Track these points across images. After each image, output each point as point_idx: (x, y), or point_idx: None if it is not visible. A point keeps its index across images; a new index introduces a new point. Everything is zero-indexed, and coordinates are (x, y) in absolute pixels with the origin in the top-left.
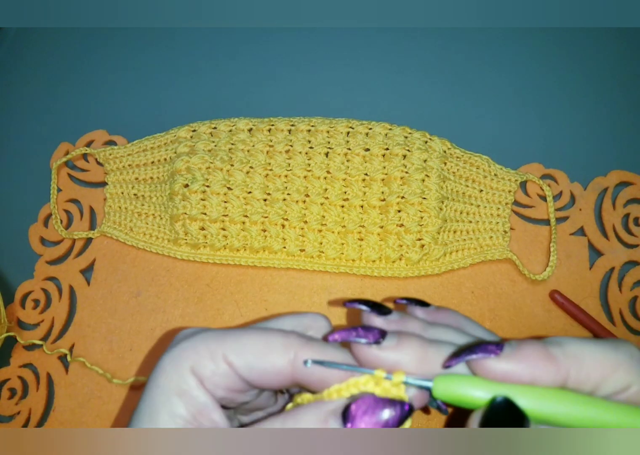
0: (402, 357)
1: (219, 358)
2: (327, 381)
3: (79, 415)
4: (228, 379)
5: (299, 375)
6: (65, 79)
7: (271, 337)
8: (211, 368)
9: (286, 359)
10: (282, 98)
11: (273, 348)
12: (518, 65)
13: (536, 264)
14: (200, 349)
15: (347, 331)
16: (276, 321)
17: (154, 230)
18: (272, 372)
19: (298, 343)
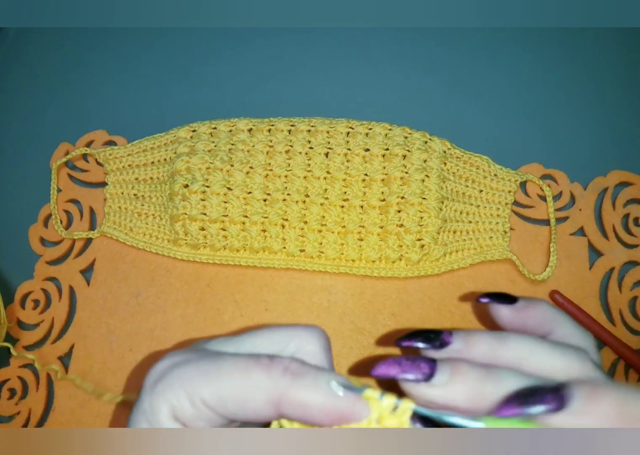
0: (454, 394)
1: (198, 403)
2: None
3: (79, 415)
4: (211, 420)
5: (285, 414)
6: (65, 79)
7: (252, 379)
8: (192, 413)
9: (270, 403)
10: (282, 98)
11: (255, 392)
12: (518, 66)
13: (536, 264)
14: (178, 393)
15: (390, 365)
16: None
17: (154, 231)
18: (255, 415)
19: (283, 384)
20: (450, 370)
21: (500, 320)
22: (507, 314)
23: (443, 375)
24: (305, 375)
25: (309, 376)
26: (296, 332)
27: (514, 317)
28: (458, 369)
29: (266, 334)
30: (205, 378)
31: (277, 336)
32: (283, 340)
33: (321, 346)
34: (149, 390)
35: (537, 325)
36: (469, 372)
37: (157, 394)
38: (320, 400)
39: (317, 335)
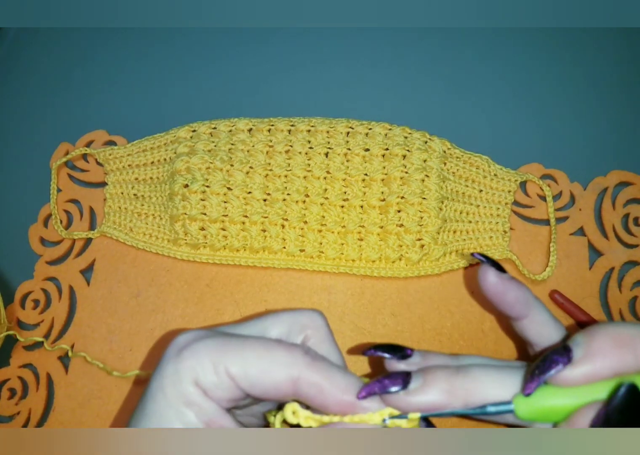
0: (432, 395)
1: (221, 371)
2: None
3: (79, 415)
4: (230, 391)
5: (301, 394)
6: (65, 79)
7: (276, 353)
8: (214, 381)
9: (290, 379)
10: (282, 98)
11: (277, 366)
12: (518, 66)
13: (536, 264)
14: (203, 361)
15: (373, 385)
16: (273, 318)
17: (154, 231)
18: (274, 389)
19: (303, 362)
20: (423, 376)
21: (485, 282)
22: (493, 278)
23: (417, 381)
24: (322, 361)
25: (325, 362)
26: (302, 312)
27: (498, 284)
28: (430, 373)
29: (274, 316)
30: (231, 349)
31: (285, 316)
32: (291, 318)
33: (325, 322)
34: (174, 357)
35: (514, 302)
36: (439, 374)
37: (183, 359)
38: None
39: (319, 314)
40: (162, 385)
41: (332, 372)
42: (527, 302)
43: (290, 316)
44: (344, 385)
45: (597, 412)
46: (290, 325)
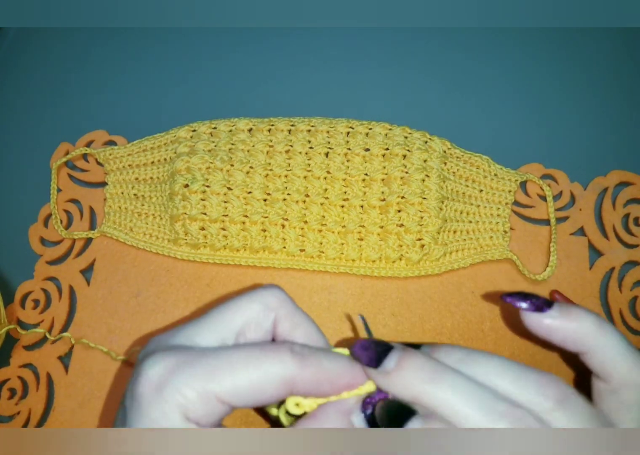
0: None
1: (211, 399)
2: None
3: (79, 415)
4: (223, 412)
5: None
6: (65, 79)
7: (264, 365)
8: (205, 411)
9: (284, 385)
10: (282, 98)
11: (269, 379)
12: (518, 66)
13: (536, 264)
14: (189, 395)
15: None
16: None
17: (154, 230)
18: (270, 399)
19: (293, 365)
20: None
21: (526, 326)
22: (533, 324)
23: (389, 363)
24: (310, 355)
25: (313, 355)
26: (261, 293)
27: (539, 329)
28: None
29: (233, 304)
30: (216, 375)
31: (246, 302)
32: (254, 303)
33: (286, 295)
34: (155, 398)
35: (563, 341)
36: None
37: (166, 401)
38: (329, 374)
39: (279, 289)
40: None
41: (322, 362)
42: (580, 340)
43: (252, 300)
44: (336, 372)
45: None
46: (256, 309)
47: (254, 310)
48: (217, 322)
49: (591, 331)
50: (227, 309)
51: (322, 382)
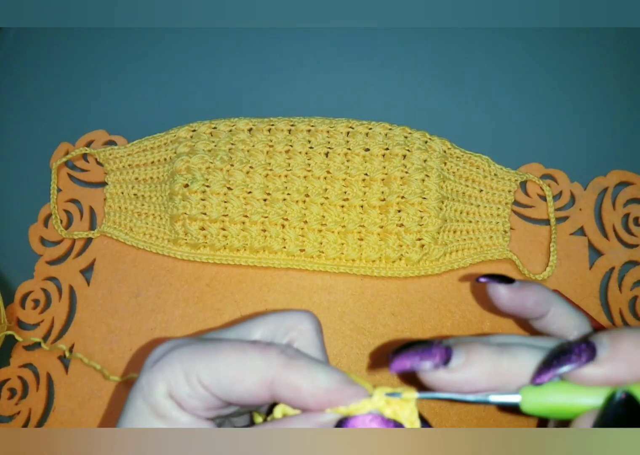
0: (474, 375)
1: (194, 381)
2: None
3: (79, 415)
4: (206, 400)
5: (279, 396)
6: (65, 78)
7: (248, 358)
8: (187, 391)
9: (263, 382)
10: (282, 98)
11: (249, 371)
12: (518, 66)
13: (536, 264)
14: (176, 371)
15: (408, 357)
16: (259, 320)
17: (154, 230)
18: (248, 395)
19: (277, 363)
20: (466, 352)
21: (499, 300)
22: (506, 294)
23: (459, 358)
24: (299, 359)
25: (302, 360)
26: (290, 314)
27: (513, 297)
28: (473, 350)
29: (260, 318)
30: (203, 357)
31: (271, 318)
32: (277, 320)
33: (313, 326)
34: (148, 369)
35: (534, 305)
36: (483, 351)
37: (155, 371)
38: (313, 383)
39: (309, 316)
40: (136, 395)
41: (310, 370)
42: (546, 300)
43: (277, 317)
44: (323, 384)
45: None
46: (275, 327)
47: (272, 327)
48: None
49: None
50: (252, 321)
51: (304, 389)
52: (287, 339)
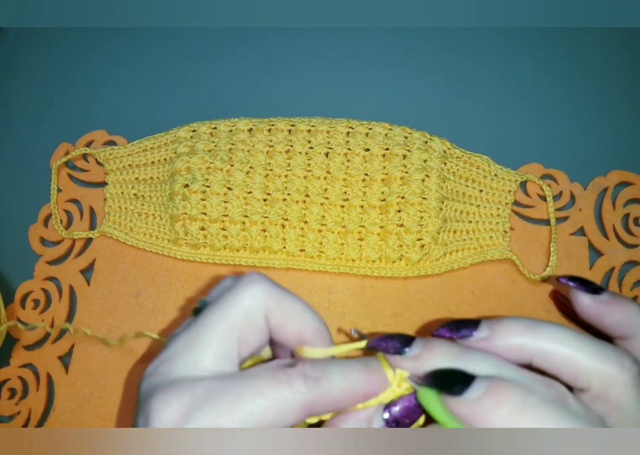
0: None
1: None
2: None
3: (79, 415)
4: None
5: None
6: (65, 79)
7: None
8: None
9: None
10: (282, 98)
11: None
12: (518, 66)
13: (536, 264)
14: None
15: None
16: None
17: (154, 230)
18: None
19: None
20: (423, 345)
21: (579, 307)
22: (588, 303)
23: (415, 349)
24: (324, 377)
25: (327, 375)
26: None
27: (594, 308)
28: (430, 346)
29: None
30: (228, 412)
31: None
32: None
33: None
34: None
35: (615, 324)
36: (439, 348)
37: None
38: (345, 392)
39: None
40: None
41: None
42: (631, 324)
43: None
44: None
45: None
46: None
47: (244, 313)
48: (212, 339)
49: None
50: (216, 320)
51: (340, 399)
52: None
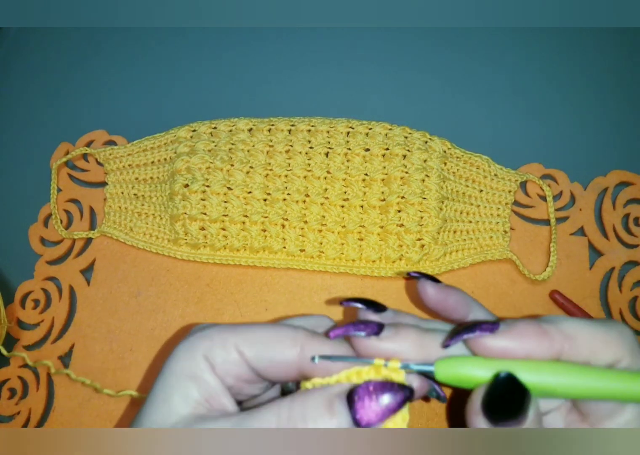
0: (401, 345)
1: (230, 347)
2: (331, 373)
3: (79, 415)
4: (238, 367)
5: (305, 367)
6: (65, 79)
7: (280, 330)
8: (223, 355)
9: (294, 350)
10: (282, 98)
11: (282, 340)
12: (518, 66)
13: (536, 264)
14: (214, 338)
15: (347, 326)
16: (285, 321)
17: (154, 230)
18: (279, 362)
19: (305, 336)
20: (395, 327)
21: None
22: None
23: (389, 331)
24: (321, 336)
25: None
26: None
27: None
28: (402, 326)
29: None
30: (240, 329)
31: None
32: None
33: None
34: (187, 337)
35: (455, 304)
36: (411, 329)
37: (196, 337)
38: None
39: (328, 319)
40: (173, 360)
41: (331, 342)
42: (466, 303)
43: (301, 320)
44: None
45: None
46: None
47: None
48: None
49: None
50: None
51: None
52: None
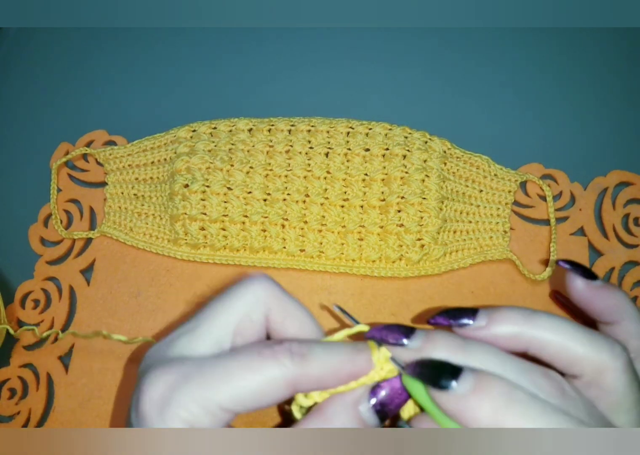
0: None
1: (214, 409)
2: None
3: (79, 415)
4: (227, 419)
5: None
6: (65, 79)
7: (264, 371)
8: (209, 421)
9: (286, 387)
10: (282, 98)
11: (270, 383)
12: (518, 66)
13: (536, 264)
14: (192, 409)
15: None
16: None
17: (154, 230)
18: (274, 402)
19: (293, 367)
20: (425, 337)
21: (572, 289)
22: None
23: (416, 342)
24: (310, 353)
25: (313, 353)
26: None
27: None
28: (431, 337)
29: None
30: (216, 386)
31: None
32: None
33: (274, 284)
34: (160, 417)
35: (604, 309)
36: (441, 340)
37: (172, 419)
38: (330, 369)
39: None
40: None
41: (323, 358)
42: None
43: (241, 296)
44: (338, 364)
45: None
46: (246, 305)
47: (245, 307)
48: (211, 326)
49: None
50: (218, 310)
51: (326, 377)
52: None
